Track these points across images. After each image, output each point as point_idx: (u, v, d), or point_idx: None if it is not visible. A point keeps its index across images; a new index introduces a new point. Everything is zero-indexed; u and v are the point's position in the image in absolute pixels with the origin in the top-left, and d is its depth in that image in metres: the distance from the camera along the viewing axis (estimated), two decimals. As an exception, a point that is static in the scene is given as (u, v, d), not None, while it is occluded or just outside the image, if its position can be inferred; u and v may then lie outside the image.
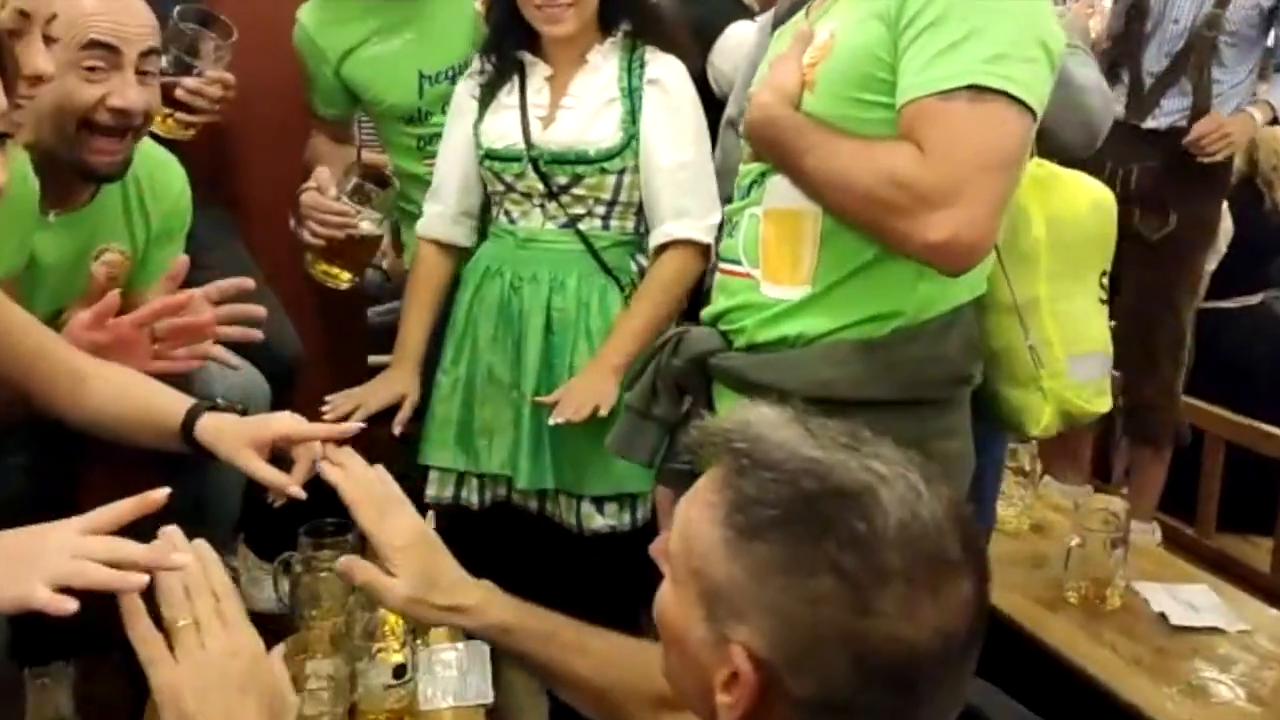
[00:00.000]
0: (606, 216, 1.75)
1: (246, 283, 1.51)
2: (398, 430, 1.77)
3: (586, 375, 1.68)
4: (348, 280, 1.92)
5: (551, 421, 1.64)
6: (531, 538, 1.79)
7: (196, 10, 1.72)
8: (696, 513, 0.76)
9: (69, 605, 0.85)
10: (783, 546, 0.71)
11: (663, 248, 1.73)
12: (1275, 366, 2.91)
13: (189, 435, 1.25)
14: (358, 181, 1.85)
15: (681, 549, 0.77)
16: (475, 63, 1.82)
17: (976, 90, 1.08)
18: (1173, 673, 1.69)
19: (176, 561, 0.89)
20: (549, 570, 1.75)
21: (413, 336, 1.84)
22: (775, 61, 1.25)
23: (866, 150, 1.14)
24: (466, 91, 1.82)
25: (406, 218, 1.96)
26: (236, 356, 1.54)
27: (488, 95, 1.78)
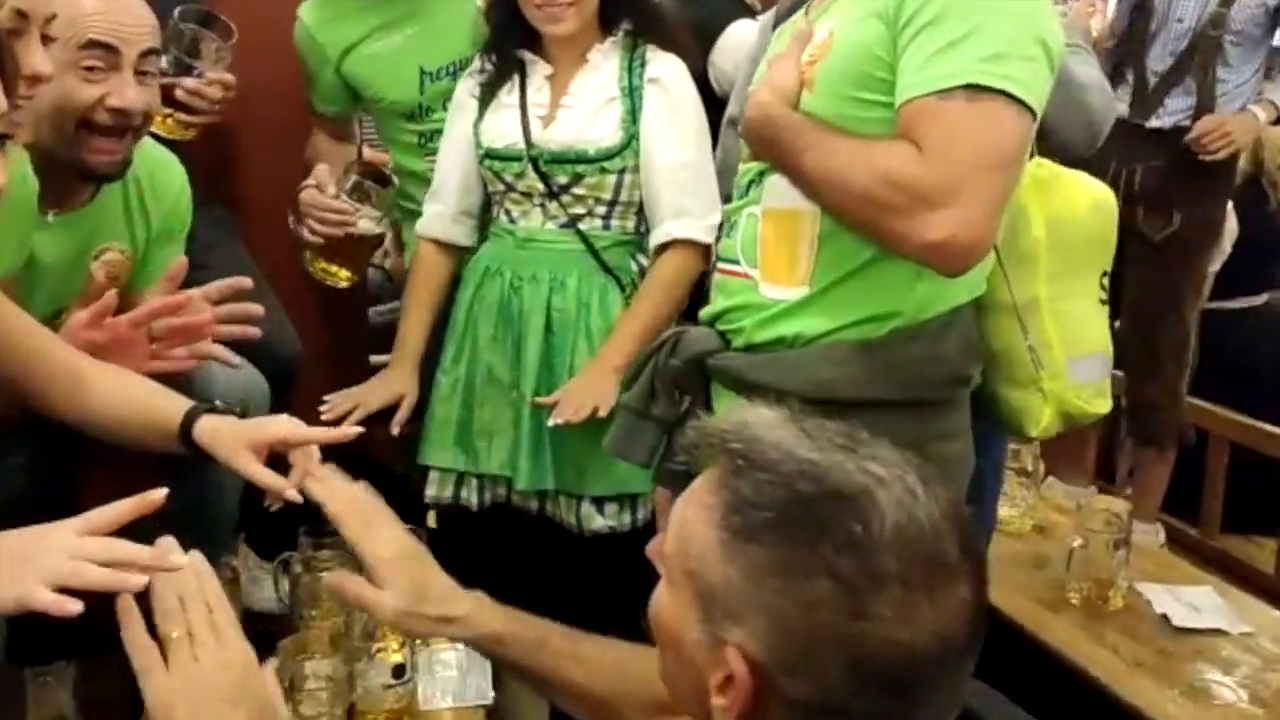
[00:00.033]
0: (607, 216, 1.75)
1: (243, 282, 1.50)
2: (395, 431, 1.77)
3: (586, 376, 1.67)
4: (347, 279, 1.91)
5: (550, 422, 1.63)
6: (531, 538, 1.79)
7: (197, 11, 1.72)
8: (693, 514, 0.76)
9: (72, 606, 0.85)
10: (778, 549, 0.70)
11: (663, 247, 1.73)
12: (1279, 367, 2.90)
13: (187, 437, 1.25)
14: (357, 179, 1.84)
15: (677, 550, 0.76)
16: (476, 62, 1.81)
17: (975, 89, 1.08)
18: (1175, 675, 1.69)
19: (175, 562, 0.89)
20: (549, 571, 1.75)
21: (412, 336, 1.84)
22: (774, 60, 1.24)
23: (864, 149, 1.13)
24: (467, 91, 1.81)
25: (407, 216, 1.96)
26: (237, 356, 1.54)
27: (488, 94, 1.78)
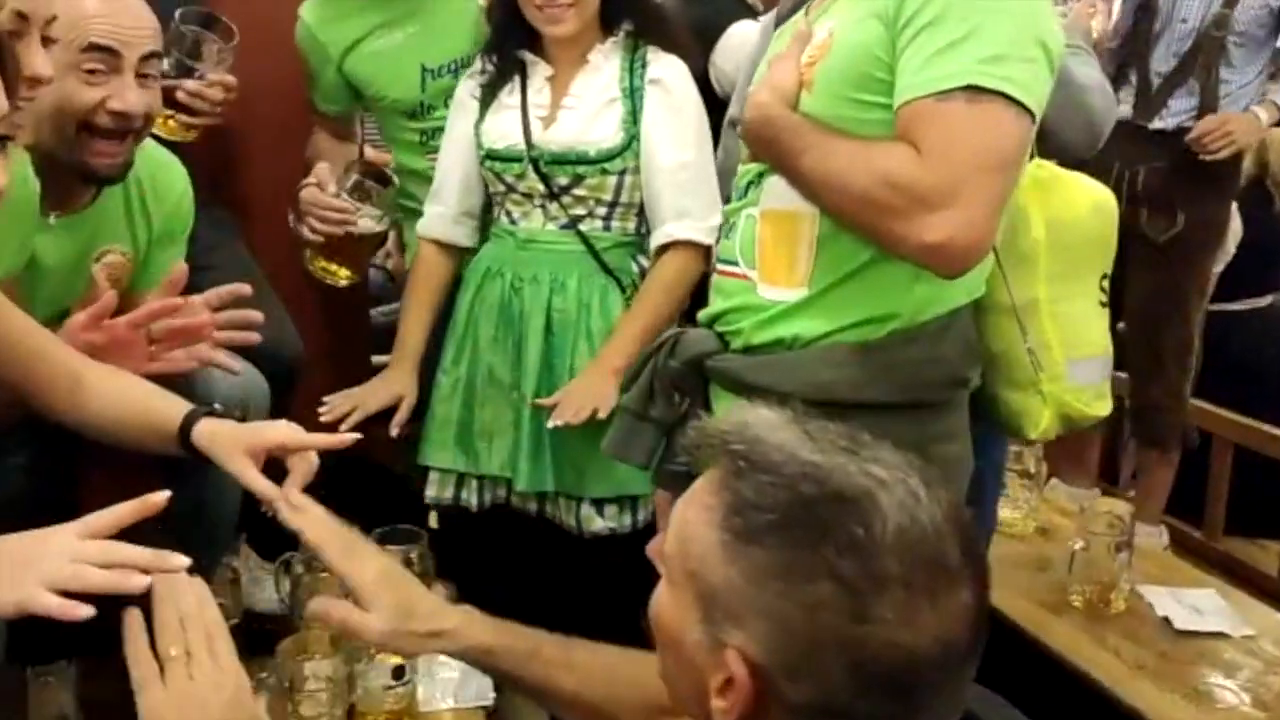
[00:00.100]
0: (607, 217, 1.75)
1: (243, 288, 1.50)
2: (395, 431, 1.77)
3: (586, 377, 1.67)
4: (346, 278, 1.91)
5: (550, 424, 1.63)
6: (531, 540, 1.78)
7: (198, 12, 1.72)
8: (694, 514, 0.75)
9: (80, 611, 0.85)
10: (780, 551, 0.70)
11: (664, 249, 1.72)
12: (1284, 368, 2.89)
13: (186, 440, 1.25)
14: (358, 178, 1.84)
15: (678, 550, 0.76)
16: (477, 62, 1.81)
17: (974, 91, 1.07)
18: (1177, 678, 1.69)
19: (175, 564, 0.89)
20: (548, 572, 1.74)
21: (412, 336, 1.83)
22: (773, 61, 1.24)
23: (863, 151, 1.13)
24: (467, 91, 1.81)
25: (409, 216, 1.96)
26: (238, 359, 1.54)
27: (489, 95, 1.78)
